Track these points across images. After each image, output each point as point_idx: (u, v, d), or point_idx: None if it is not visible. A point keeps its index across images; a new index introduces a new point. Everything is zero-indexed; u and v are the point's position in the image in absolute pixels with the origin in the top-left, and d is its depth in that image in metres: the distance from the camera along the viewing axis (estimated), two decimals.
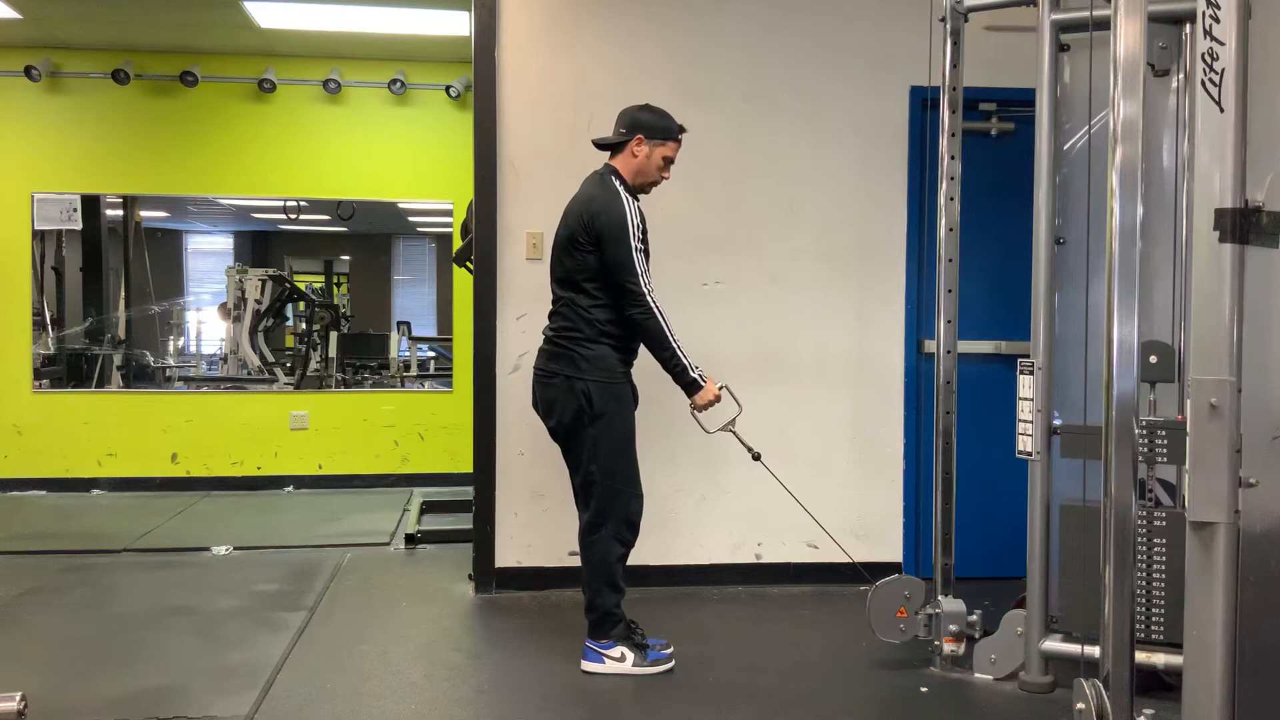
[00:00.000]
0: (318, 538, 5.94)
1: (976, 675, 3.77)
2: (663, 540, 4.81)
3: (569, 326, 3.80)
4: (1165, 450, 3.31)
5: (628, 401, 3.86)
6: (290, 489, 7.45)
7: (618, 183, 3.80)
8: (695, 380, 3.76)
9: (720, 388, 3.83)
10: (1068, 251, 3.69)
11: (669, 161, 3.88)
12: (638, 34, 4.90)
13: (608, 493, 3.78)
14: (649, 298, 3.71)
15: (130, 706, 3.44)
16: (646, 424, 4.32)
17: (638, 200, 3.84)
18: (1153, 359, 3.40)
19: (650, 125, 3.84)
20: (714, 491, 4.90)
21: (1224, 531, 2.31)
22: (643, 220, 3.80)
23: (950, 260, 3.89)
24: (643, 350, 3.88)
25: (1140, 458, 3.07)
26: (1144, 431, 3.24)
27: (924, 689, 3.70)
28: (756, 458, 3.90)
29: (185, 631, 4.27)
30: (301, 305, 9.10)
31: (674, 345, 3.73)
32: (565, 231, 3.84)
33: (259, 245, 10.26)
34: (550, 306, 3.91)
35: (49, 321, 7.82)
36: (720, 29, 4.92)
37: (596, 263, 3.75)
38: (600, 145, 3.92)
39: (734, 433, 3.92)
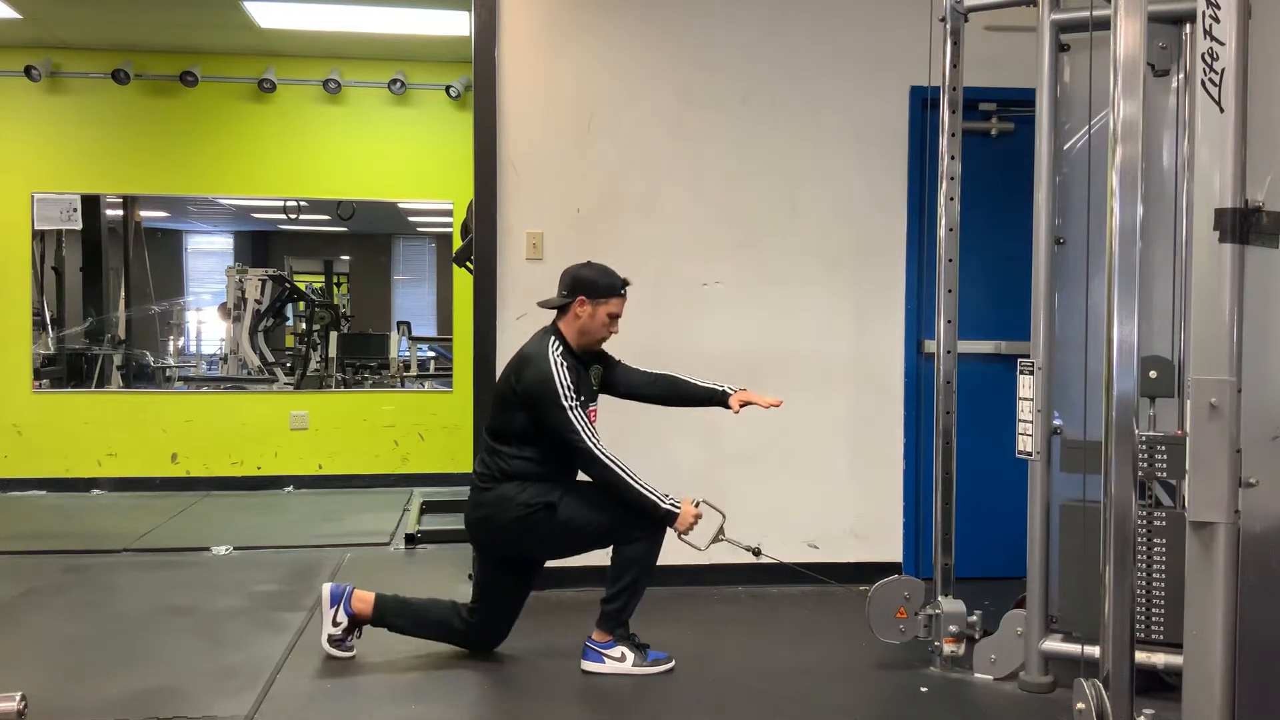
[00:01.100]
0: (318, 538, 5.95)
1: (976, 675, 3.77)
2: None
3: (491, 474, 3.78)
4: (1165, 465, 3.29)
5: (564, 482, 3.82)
6: (290, 489, 7.45)
7: (555, 343, 3.74)
8: (669, 511, 3.70)
9: (696, 504, 3.78)
10: (1068, 252, 3.68)
11: (614, 317, 3.81)
12: (638, 34, 4.90)
13: (639, 538, 3.74)
14: (596, 451, 3.66)
15: (130, 706, 3.44)
16: (644, 425, 4.33)
17: (574, 357, 3.77)
18: (1152, 374, 3.38)
19: (591, 284, 3.77)
20: (714, 493, 4.88)
21: (1224, 531, 2.31)
22: (578, 376, 3.73)
23: (950, 260, 3.89)
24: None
25: (1140, 473, 3.05)
26: (1144, 446, 3.22)
27: (924, 689, 3.70)
28: (756, 554, 3.89)
29: (185, 631, 4.26)
30: (301, 305, 9.11)
31: (636, 486, 3.68)
32: (500, 386, 3.86)
33: (259, 245, 10.27)
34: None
35: (49, 321, 7.83)
36: (720, 29, 4.91)
37: (524, 421, 3.73)
38: (546, 306, 3.89)
39: (726, 540, 3.89)
